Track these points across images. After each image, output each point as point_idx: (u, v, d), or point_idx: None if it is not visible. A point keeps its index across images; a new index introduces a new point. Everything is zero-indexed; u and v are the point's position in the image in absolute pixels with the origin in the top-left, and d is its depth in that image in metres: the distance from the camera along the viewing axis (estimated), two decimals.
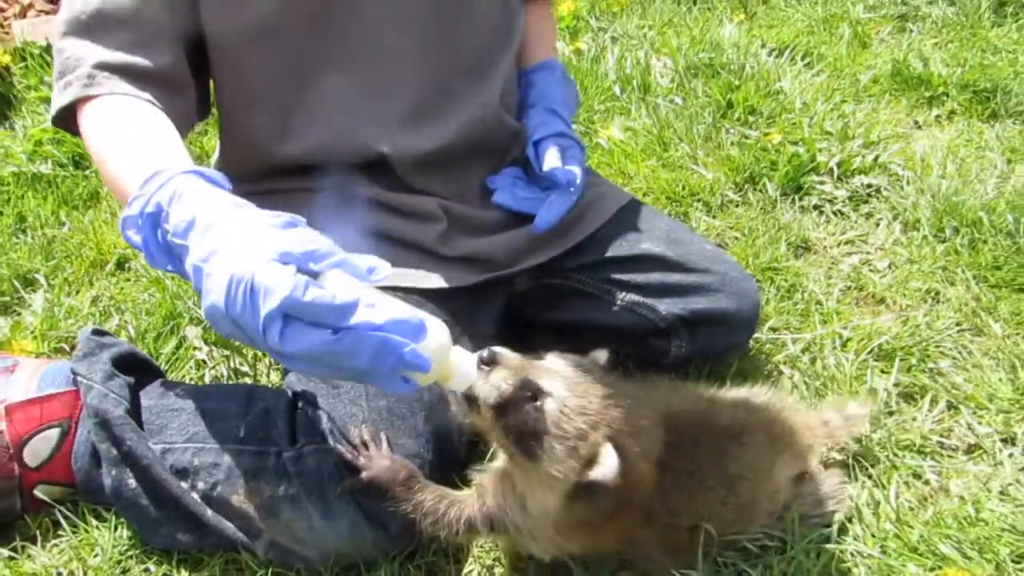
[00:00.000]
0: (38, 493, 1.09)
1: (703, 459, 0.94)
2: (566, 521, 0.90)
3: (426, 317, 0.81)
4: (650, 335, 1.26)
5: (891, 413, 1.29)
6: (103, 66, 1.01)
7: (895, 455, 1.21)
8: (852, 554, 1.03)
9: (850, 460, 1.19)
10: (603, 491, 0.83)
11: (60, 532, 1.07)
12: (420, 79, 1.19)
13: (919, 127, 2.19)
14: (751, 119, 2.14)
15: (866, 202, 1.84)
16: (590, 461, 0.84)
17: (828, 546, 1.03)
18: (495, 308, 1.26)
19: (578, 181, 1.24)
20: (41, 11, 2.54)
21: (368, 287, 0.80)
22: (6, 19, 2.46)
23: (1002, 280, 1.56)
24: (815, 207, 1.83)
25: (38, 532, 1.07)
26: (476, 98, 1.22)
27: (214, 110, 1.26)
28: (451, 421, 1.09)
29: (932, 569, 1.01)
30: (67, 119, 1.04)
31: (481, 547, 1.10)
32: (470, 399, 0.87)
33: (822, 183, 1.87)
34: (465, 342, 1.11)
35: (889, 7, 2.71)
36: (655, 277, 1.26)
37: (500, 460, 0.96)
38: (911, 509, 1.12)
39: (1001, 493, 1.14)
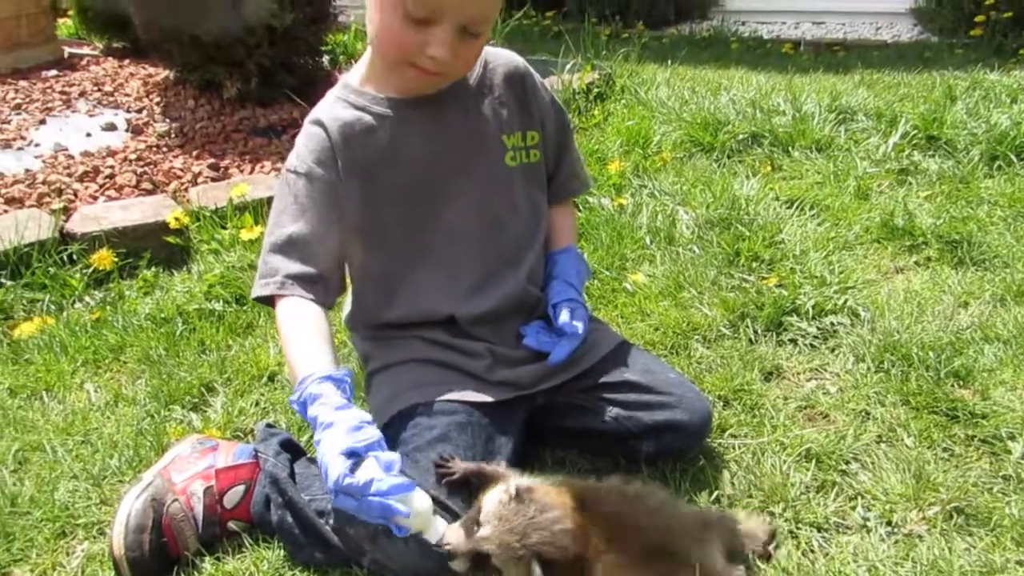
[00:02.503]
0: (231, 525, 1.87)
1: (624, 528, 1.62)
2: None
3: (417, 489, 1.51)
4: (628, 438, 1.97)
5: (803, 497, 1.92)
6: (289, 275, 1.82)
7: (797, 528, 1.84)
8: None
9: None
10: None
11: (243, 550, 1.84)
12: (476, 268, 1.98)
13: (899, 272, 2.83)
14: (754, 265, 2.83)
15: (833, 337, 2.50)
16: (527, 571, 1.47)
17: None
18: (521, 416, 1.98)
19: (580, 331, 1.99)
20: (208, 178, 3.56)
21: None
22: (183, 185, 3.47)
23: (920, 403, 2.18)
24: (791, 340, 2.50)
25: (230, 549, 1.85)
26: (511, 279, 2.01)
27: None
28: None
29: None
30: (264, 301, 1.87)
31: None
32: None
33: (800, 322, 2.54)
34: (502, 441, 1.85)
35: (892, 162, 3.38)
36: (632, 397, 1.98)
37: None
38: (797, 564, 1.75)
39: (864, 558, 1.75)
